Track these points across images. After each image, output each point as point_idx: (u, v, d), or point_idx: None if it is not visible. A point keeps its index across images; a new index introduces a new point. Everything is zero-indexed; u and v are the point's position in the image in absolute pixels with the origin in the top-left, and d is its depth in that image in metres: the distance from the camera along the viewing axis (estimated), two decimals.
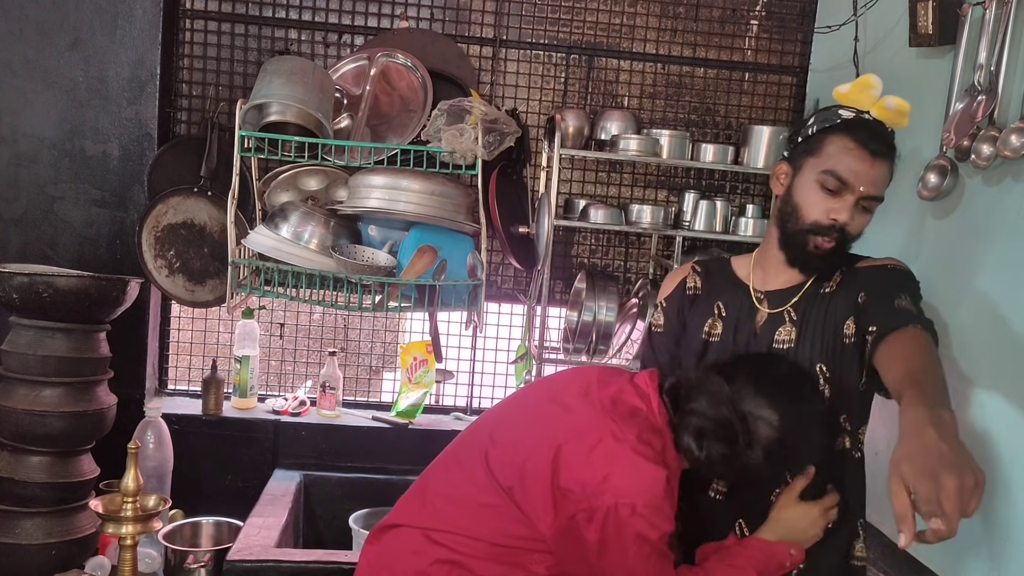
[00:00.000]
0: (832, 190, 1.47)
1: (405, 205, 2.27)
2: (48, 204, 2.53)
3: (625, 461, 1.36)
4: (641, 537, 1.33)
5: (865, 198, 1.47)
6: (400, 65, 2.55)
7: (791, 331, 1.55)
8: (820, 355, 1.51)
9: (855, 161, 1.46)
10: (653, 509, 1.34)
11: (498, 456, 1.46)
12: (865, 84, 1.50)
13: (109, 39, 2.51)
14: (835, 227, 1.48)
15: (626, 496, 1.33)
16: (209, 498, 2.57)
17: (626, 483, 1.35)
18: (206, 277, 2.57)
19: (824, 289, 1.55)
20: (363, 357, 3.10)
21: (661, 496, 1.34)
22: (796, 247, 1.53)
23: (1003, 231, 1.67)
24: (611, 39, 2.75)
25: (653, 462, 1.36)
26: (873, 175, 1.46)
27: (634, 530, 1.33)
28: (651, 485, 1.35)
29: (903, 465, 1.04)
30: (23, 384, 2.16)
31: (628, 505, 1.33)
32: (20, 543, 2.15)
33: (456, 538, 1.44)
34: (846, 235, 1.50)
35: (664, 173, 2.80)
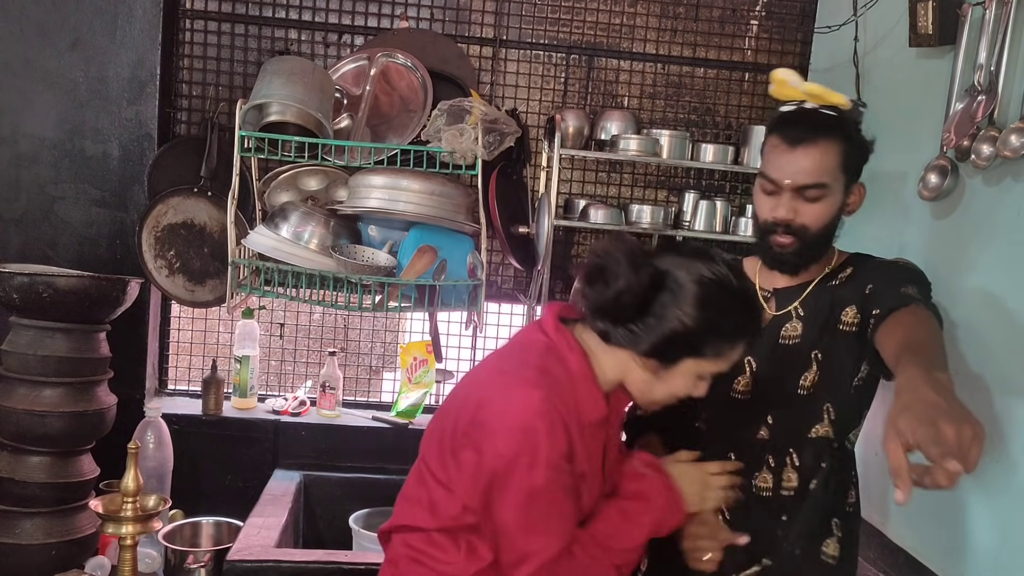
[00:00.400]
0: (769, 191, 1.50)
1: (405, 205, 2.27)
2: (48, 204, 2.53)
3: (497, 387, 1.29)
4: (514, 461, 1.23)
5: (800, 189, 1.46)
6: (400, 65, 2.55)
7: (797, 326, 1.55)
8: (818, 342, 1.52)
9: (779, 156, 1.47)
10: (527, 432, 1.23)
11: (425, 435, 1.41)
12: (778, 81, 1.53)
13: (109, 39, 2.51)
14: (779, 224, 1.48)
15: (495, 421, 1.25)
16: (209, 498, 2.57)
17: (495, 409, 1.26)
18: (206, 277, 2.57)
19: (832, 282, 1.55)
20: (363, 357, 3.10)
21: (537, 416, 1.23)
22: (763, 249, 1.55)
23: (1003, 231, 1.67)
24: (611, 39, 2.75)
25: (529, 384, 1.26)
26: (797, 165, 1.45)
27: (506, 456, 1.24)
28: (521, 406, 1.24)
29: (899, 419, 1.02)
30: (23, 384, 2.16)
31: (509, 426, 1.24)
32: (20, 543, 2.15)
33: (413, 535, 1.38)
34: (798, 230, 1.48)
35: (664, 173, 2.80)
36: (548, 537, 1.27)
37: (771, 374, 1.56)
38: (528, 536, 1.26)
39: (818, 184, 1.46)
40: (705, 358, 1.30)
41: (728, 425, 1.59)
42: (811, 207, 1.47)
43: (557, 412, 1.25)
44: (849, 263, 1.58)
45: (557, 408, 1.25)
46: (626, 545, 1.35)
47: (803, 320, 1.55)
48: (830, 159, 1.46)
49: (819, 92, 1.49)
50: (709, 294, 1.27)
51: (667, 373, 1.31)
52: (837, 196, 1.49)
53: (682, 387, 1.34)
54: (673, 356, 1.30)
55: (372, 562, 2.04)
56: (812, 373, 1.52)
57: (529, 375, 1.28)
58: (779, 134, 1.48)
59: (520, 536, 1.26)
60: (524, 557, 1.26)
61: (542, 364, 1.30)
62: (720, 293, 1.28)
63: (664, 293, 1.27)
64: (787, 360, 1.54)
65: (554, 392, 1.27)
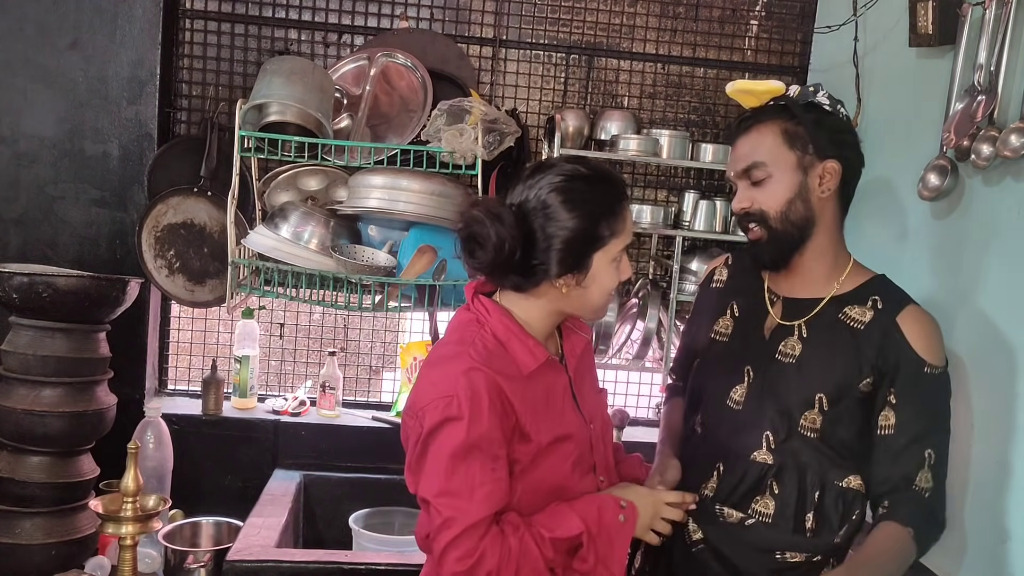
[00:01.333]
0: (731, 193, 1.56)
1: (405, 205, 2.27)
2: (48, 204, 2.53)
3: (425, 370, 1.37)
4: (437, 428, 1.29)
5: (741, 176, 1.50)
6: (400, 65, 2.55)
7: (796, 346, 1.50)
8: (825, 386, 1.47)
9: (730, 156, 1.55)
10: (447, 400, 1.29)
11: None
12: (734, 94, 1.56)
13: (109, 39, 2.51)
14: (742, 216, 1.51)
15: (421, 399, 1.33)
16: (209, 498, 2.57)
17: (421, 389, 1.35)
18: (206, 277, 2.57)
19: (847, 314, 1.49)
20: (363, 357, 3.10)
21: (457, 385, 1.29)
22: (748, 249, 1.56)
23: (1003, 231, 1.67)
24: (611, 39, 2.75)
25: (448, 359, 1.34)
26: (735, 155, 1.52)
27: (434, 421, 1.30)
28: (440, 378, 1.32)
29: None
30: (23, 384, 2.16)
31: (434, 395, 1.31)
32: (20, 543, 2.15)
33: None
34: (758, 217, 1.49)
35: (664, 173, 2.80)
36: (469, 503, 1.28)
37: (767, 390, 1.51)
38: (450, 500, 1.29)
39: (754, 164, 1.48)
40: (606, 243, 1.36)
41: (722, 433, 1.56)
42: (760, 191, 1.48)
43: (481, 375, 1.30)
44: (871, 290, 1.50)
45: (481, 372, 1.30)
46: (554, 531, 1.34)
47: (804, 343, 1.50)
48: (765, 139, 1.48)
49: (748, 87, 1.53)
50: (569, 193, 1.34)
51: (588, 277, 1.37)
52: (787, 175, 1.46)
53: (608, 280, 1.39)
54: (582, 261, 1.36)
55: (372, 562, 2.04)
56: (814, 415, 1.47)
57: (448, 351, 1.37)
58: (729, 140, 1.58)
59: (443, 501, 1.29)
60: (446, 522, 1.29)
61: (462, 337, 1.37)
62: (576, 185, 1.34)
63: (535, 219, 1.34)
64: (783, 381, 1.50)
65: (478, 358, 1.32)
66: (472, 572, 1.28)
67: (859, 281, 1.52)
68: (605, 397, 1.63)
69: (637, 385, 2.95)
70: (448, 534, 1.28)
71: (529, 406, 1.35)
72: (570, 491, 1.41)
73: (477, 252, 1.35)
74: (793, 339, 1.51)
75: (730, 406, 1.55)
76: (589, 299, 1.40)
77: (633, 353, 2.57)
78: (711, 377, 1.62)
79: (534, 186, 1.35)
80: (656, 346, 2.55)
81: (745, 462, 1.50)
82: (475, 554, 1.27)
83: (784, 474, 1.48)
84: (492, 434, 1.30)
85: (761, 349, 1.54)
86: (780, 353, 1.51)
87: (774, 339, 1.53)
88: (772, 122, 1.48)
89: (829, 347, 1.48)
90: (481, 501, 1.28)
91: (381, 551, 2.22)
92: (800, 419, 1.47)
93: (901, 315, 1.46)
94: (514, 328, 1.39)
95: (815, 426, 1.47)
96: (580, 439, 1.43)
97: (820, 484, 1.47)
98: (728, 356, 1.59)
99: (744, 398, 1.53)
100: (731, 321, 1.62)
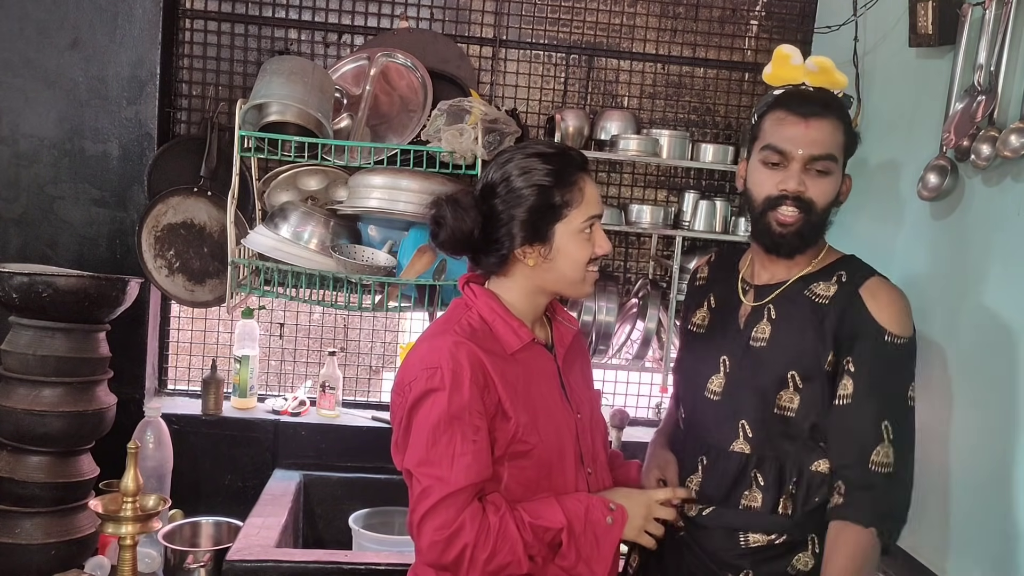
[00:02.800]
0: (775, 163, 1.46)
1: (405, 205, 2.27)
2: (48, 204, 2.53)
3: (412, 351, 1.42)
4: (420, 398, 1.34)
5: (811, 161, 1.44)
6: (400, 65, 2.55)
7: (766, 329, 1.50)
8: (794, 363, 1.46)
9: (788, 128, 1.45)
10: (431, 371, 1.33)
11: None
12: (780, 57, 1.52)
13: (109, 39, 2.51)
14: (787, 196, 1.44)
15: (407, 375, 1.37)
16: (209, 498, 2.57)
17: (407, 365, 1.39)
18: (206, 277, 2.57)
19: (812, 291, 1.49)
20: (363, 357, 3.10)
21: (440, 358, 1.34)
22: (763, 231, 1.49)
23: (1003, 231, 1.67)
24: (611, 39, 2.75)
25: (432, 337, 1.40)
26: (811, 136, 1.44)
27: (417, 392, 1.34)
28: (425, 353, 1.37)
29: None
30: (23, 384, 2.16)
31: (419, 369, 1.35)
32: (20, 543, 2.15)
33: None
34: (806, 204, 1.44)
35: (664, 173, 2.80)
36: (449, 471, 1.31)
37: (742, 377, 1.52)
38: (430, 470, 1.32)
39: (829, 156, 1.44)
40: (564, 214, 1.40)
41: (701, 426, 1.56)
42: (819, 182, 1.45)
43: (464, 348, 1.34)
44: (838, 267, 1.51)
45: (464, 345, 1.35)
46: (537, 519, 1.35)
47: (772, 324, 1.50)
48: (837, 136, 1.46)
49: (828, 66, 1.49)
50: (524, 168, 1.40)
51: (554, 249, 1.41)
52: (839, 177, 1.48)
53: (576, 252, 1.42)
54: (540, 232, 1.40)
55: (372, 562, 2.04)
56: (790, 394, 1.47)
57: (435, 330, 1.44)
58: (786, 108, 1.46)
59: (423, 471, 1.32)
60: (425, 491, 1.31)
61: (449, 317, 1.44)
62: (531, 161, 1.40)
63: (496, 197, 1.41)
64: (757, 366, 1.50)
65: (462, 334, 1.38)
66: (449, 543, 1.30)
67: (829, 260, 1.53)
68: (598, 397, 1.65)
69: (637, 385, 2.95)
70: (427, 503, 1.30)
71: (510, 385, 1.38)
72: (556, 479, 1.42)
73: (438, 232, 1.44)
74: (763, 323, 1.51)
75: (708, 397, 1.55)
76: (561, 272, 1.43)
77: (633, 353, 2.57)
78: (689, 368, 1.64)
79: (497, 167, 1.43)
80: (656, 346, 2.55)
81: (725, 454, 1.51)
82: (453, 525, 1.29)
83: (764, 464, 1.48)
84: (473, 405, 1.33)
85: (736, 339, 1.54)
86: (753, 339, 1.51)
87: (748, 326, 1.53)
88: (839, 120, 1.46)
89: (794, 323, 1.48)
90: (461, 471, 1.31)
91: (381, 551, 2.22)
92: (775, 399, 1.47)
93: (864, 287, 1.46)
94: (499, 309, 1.44)
95: (792, 405, 1.46)
96: (565, 426, 1.45)
97: (798, 471, 1.47)
98: (704, 347, 1.59)
99: (723, 388, 1.54)
100: (707, 312, 1.63)
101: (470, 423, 1.33)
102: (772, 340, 1.50)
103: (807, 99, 1.47)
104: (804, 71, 1.51)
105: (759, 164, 1.49)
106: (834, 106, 1.48)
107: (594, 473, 1.50)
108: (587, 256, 1.43)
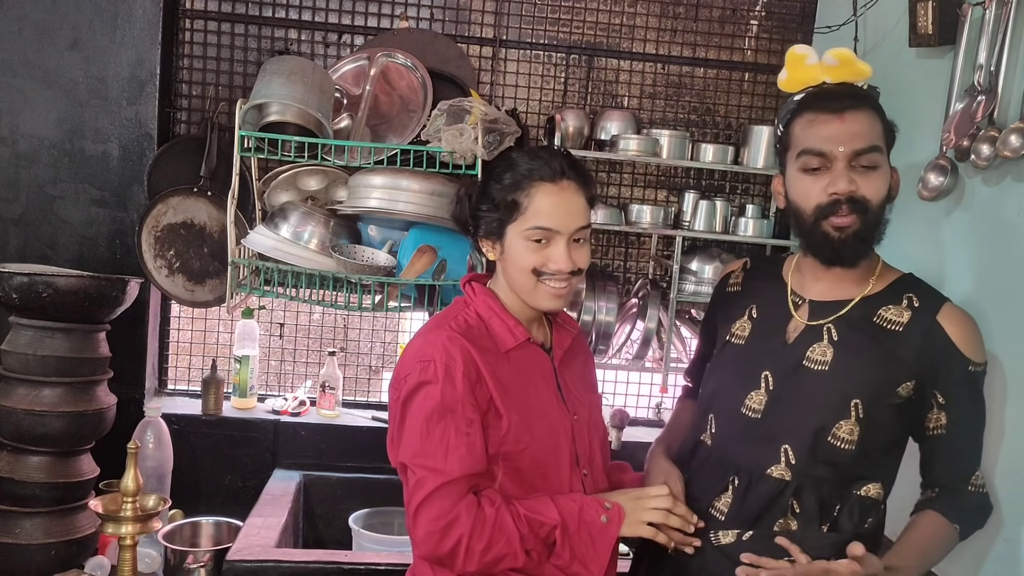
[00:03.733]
0: (816, 168, 1.37)
1: (405, 205, 2.27)
2: (48, 204, 2.53)
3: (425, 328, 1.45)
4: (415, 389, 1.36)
5: (855, 156, 1.35)
6: (400, 65, 2.55)
7: (827, 351, 1.41)
8: (859, 391, 1.39)
9: (823, 127, 1.36)
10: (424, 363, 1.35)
11: None
12: (794, 59, 1.46)
13: (109, 39, 2.51)
14: (840, 201, 1.35)
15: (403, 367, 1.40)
16: (209, 498, 2.57)
17: (403, 359, 1.42)
18: (206, 277, 2.57)
19: (882, 316, 1.41)
20: (363, 357, 3.10)
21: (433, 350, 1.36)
22: (820, 243, 1.39)
23: (1003, 231, 1.67)
24: (611, 39, 2.75)
25: (427, 332, 1.42)
26: (849, 130, 1.35)
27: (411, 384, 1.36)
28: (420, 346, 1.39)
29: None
30: (23, 384, 2.16)
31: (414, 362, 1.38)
32: (20, 543, 2.15)
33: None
34: (861, 204, 1.35)
35: (664, 173, 2.80)
36: (444, 463, 1.32)
37: (791, 399, 1.43)
38: (425, 461, 1.33)
39: (873, 147, 1.35)
40: (515, 215, 1.40)
41: (736, 444, 1.47)
42: (868, 178, 1.36)
43: (457, 343, 1.36)
44: (903, 288, 1.44)
45: (457, 340, 1.37)
46: (532, 513, 1.35)
47: (836, 347, 1.41)
48: (876, 126, 1.38)
49: (849, 57, 1.42)
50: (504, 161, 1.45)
51: (505, 249, 1.43)
52: (886, 168, 1.39)
53: (520, 257, 1.41)
54: (497, 228, 1.42)
55: (372, 562, 2.04)
56: (851, 425, 1.39)
57: (431, 324, 1.45)
58: (816, 108, 1.38)
59: (418, 462, 1.34)
60: (420, 481, 1.33)
61: (446, 314, 1.46)
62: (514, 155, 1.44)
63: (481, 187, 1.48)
64: (811, 390, 1.41)
65: (457, 329, 1.39)
66: (444, 533, 1.30)
67: (889, 280, 1.46)
68: (599, 400, 1.62)
69: (637, 385, 2.95)
70: (421, 493, 1.31)
71: (502, 383, 1.38)
72: (551, 479, 1.42)
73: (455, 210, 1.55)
74: (823, 344, 1.42)
75: (745, 414, 1.46)
76: (511, 275, 1.44)
77: (633, 353, 2.57)
78: (724, 381, 1.53)
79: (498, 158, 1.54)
80: (656, 346, 2.55)
81: (760, 477, 1.43)
82: (448, 515, 1.30)
83: (804, 492, 1.41)
84: (467, 398, 1.34)
85: (783, 355, 1.45)
86: (809, 360, 1.42)
87: (800, 344, 1.44)
88: (874, 110, 1.38)
89: (864, 351, 1.40)
90: (455, 462, 1.32)
91: (381, 551, 2.22)
92: (833, 429, 1.39)
93: (941, 314, 1.40)
94: (497, 308, 1.46)
95: (851, 437, 1.39)
96: (560, 427, 1.45)
97: (840, 497, 1.41)
98: (744, 360, 1.50)
99: (764, 407, 1.44)
100: (748, 323, 1.52)
101: (463, 415, 1.34)
102: (835, 365, 1.40)
103: (835, 94, 1.40)
104: (823, 68, 1.43)
105: (799, 173, 1.39)
106: (864, 97, 1.39)
107: (590, 475, 1.49)
108: (530, 265, 1.40)
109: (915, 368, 1.40)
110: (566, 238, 1.40)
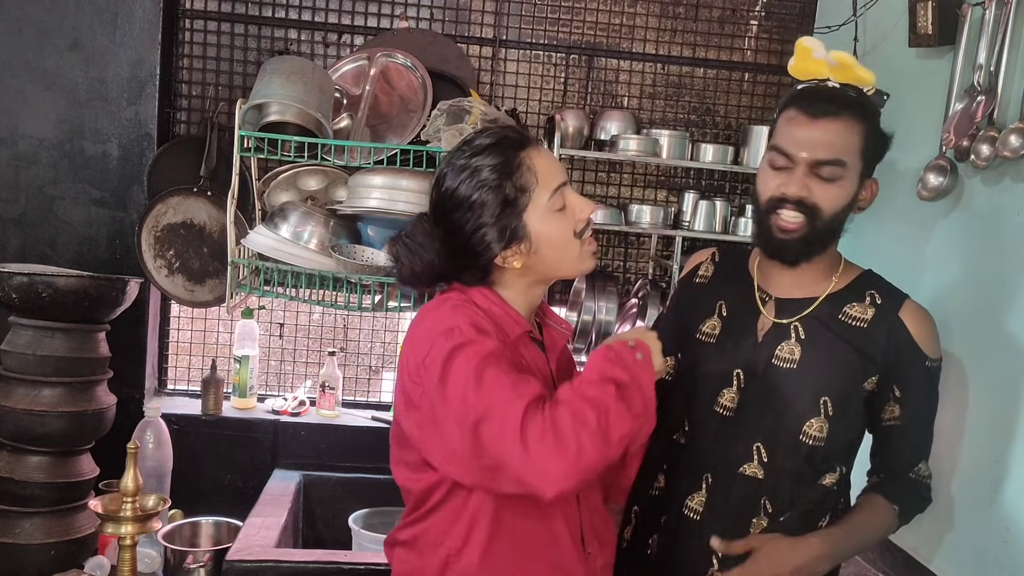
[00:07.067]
0: (780, 166, 1.38)
1: (405, 205, 2.27)
2: (48, 204, 2.53)
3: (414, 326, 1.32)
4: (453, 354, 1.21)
5: (815, 165, 1.35)
6: (400, 65, 2.55)
7: (795, 350, 1.43)
8: (828, 389, 1.42)
9: (796, 128, 1.37)
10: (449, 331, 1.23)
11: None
12: (802, 50, 1.44)
13: (109, 39, 2.51)
14: (787, 200, 1.37)
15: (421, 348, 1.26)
16: (208, 498, 2.57)
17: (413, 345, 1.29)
18: (206, 277, 2.57)
19: (847, 313, 1.44)
20: (363, 357, 3.10)
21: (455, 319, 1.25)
22: (764, 234, 1.42)
23: (1002, 231, 1.67)
24: (611, 39, 2.75)
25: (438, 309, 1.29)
26: (816, 138, 1.35)
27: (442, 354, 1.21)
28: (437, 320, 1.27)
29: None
30: (22, 384, 2.16)
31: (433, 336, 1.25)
32: (20, 543, 2.15)
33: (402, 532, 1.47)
34: (810, 210, 1.37)
35: (664, 173, 2.80)
36: (515, 391, 1.19)
37: (761, 396, 1.45)
38: (496, 399, 1.18)
39: (836, 161, 1.35)
40: (525, 201, 1.28)
41: (708, 442, 1.48)
42: (826, 188, 1.36)
43: (476, 315, 1.27)
44: (864, 285, 1.47)
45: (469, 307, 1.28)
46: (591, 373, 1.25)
47: (803, 345, 1.44)
48: (852, 138, 1.36)
49: (849, 62, 1.41)
50: (461, 175, 1.28)
51: (534, 240, 1.29)
52: (852, 183, 1.38)
53: (557, 230, 1.30)
54: (515, 229, 1.28)
55: (372, 562, 2.04)
56: (820, 423, 1.42)
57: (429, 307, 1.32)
58: (798, 106, 1.38)
59: (493, 413, 1.18)
60: (504, 420, 1.17)
61: (440, 299, 1.34)
62: (466, 163, 1.29)
63: (451, 216, 1.29)
64: (780, 388, 1.44)
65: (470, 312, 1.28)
66: (558, 443, 1.15)
67: (851, 277, 1.48)
68: None
69: None
70: (511, 428, 1.16)
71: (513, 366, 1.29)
72: None
73: (399, 272, 1.35)
74: (791, 343, 1.44)
75: (718, 411, 1.47)
76: (553, 258, 1.32)
77: None
78: (697, 379, 1.52)
79: (438, 183, 1.32)
80: None
81: (733, 476, 1.45)
82: (548, 423, 1.16)
83: (777, 492, 1.44)
84: (502, 351, 1.24)
85: (754, 353, 1.47)
86: (777, 358, 1.45)
87: (768, 342, 1.46)
88: (856, 120, 1.37)
89: (831, 348, 1.43)
90: (524, 385, 1.20)
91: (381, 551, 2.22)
92: (803, 427, 1.42)
93: (903, 311, 1.44)
94: (496, 300, 1.34)
95: (821, 433, 1.42)
96: None
97: (806, 489, 1.45)
98: (716, 358, 1.50)
99: (736, 404, 1.46)
100: (719, 321, 1.52)
101: (507, 360, 1.24)
102: (803, 363, 1.43)
103: (820, 97, 1.39)
104: (827, 66, 1.43)
105: (766, 164, 1.43)
106: (849, 104, 1.38)
107: None
108: (570, 230, 1.31)
109: (880, 364, 1.43)
110: (570, 185, 1.34)
